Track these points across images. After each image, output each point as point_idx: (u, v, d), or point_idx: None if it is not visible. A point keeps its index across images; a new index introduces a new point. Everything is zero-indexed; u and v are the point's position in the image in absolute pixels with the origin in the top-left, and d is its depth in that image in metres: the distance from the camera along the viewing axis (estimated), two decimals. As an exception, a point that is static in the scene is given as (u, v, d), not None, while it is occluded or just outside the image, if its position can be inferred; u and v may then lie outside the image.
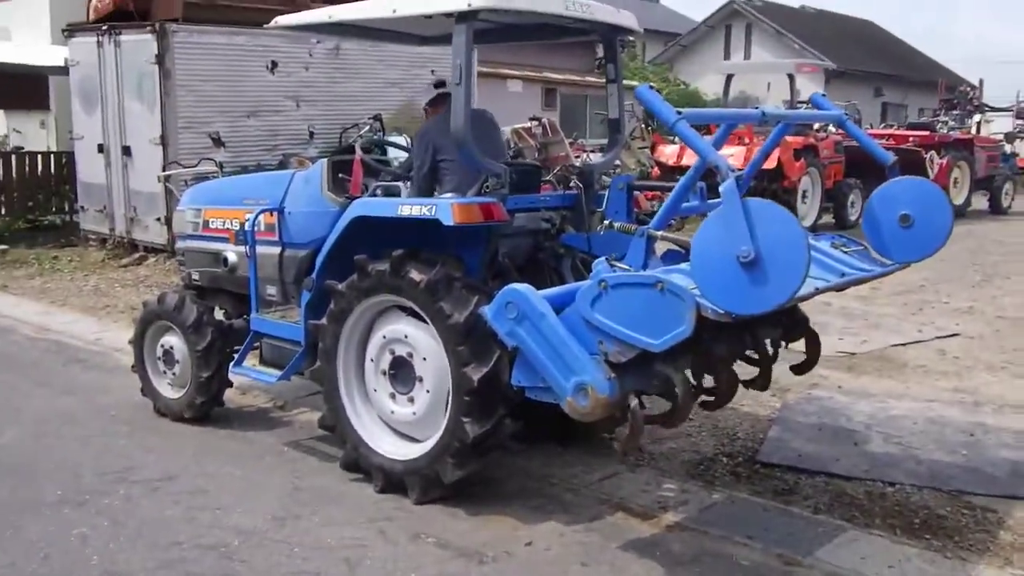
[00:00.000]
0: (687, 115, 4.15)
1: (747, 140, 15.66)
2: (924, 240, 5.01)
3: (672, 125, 4.04)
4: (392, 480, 5.17)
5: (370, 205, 5.36)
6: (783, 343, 5.38)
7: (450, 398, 4.93)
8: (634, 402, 4.21)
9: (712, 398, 5.24)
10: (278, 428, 6.42)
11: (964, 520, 4.91)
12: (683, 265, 4.46)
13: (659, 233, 4.45)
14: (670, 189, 5.16)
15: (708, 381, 5.12)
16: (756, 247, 3.67)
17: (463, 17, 5.02)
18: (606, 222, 4.97)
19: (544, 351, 4.17)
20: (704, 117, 4.68)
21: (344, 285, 5.28)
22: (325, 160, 5.92)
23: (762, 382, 5.37)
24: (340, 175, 5.86)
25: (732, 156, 14.97)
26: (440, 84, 6.07)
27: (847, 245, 5.21)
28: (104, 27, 13.19)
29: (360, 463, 5.35)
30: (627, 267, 4.38)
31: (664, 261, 4.93)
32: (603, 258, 4.41)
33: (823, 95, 5.48)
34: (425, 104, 6.36)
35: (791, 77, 16.87)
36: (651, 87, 4.12)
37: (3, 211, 15.12)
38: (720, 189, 3.80)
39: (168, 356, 6.46)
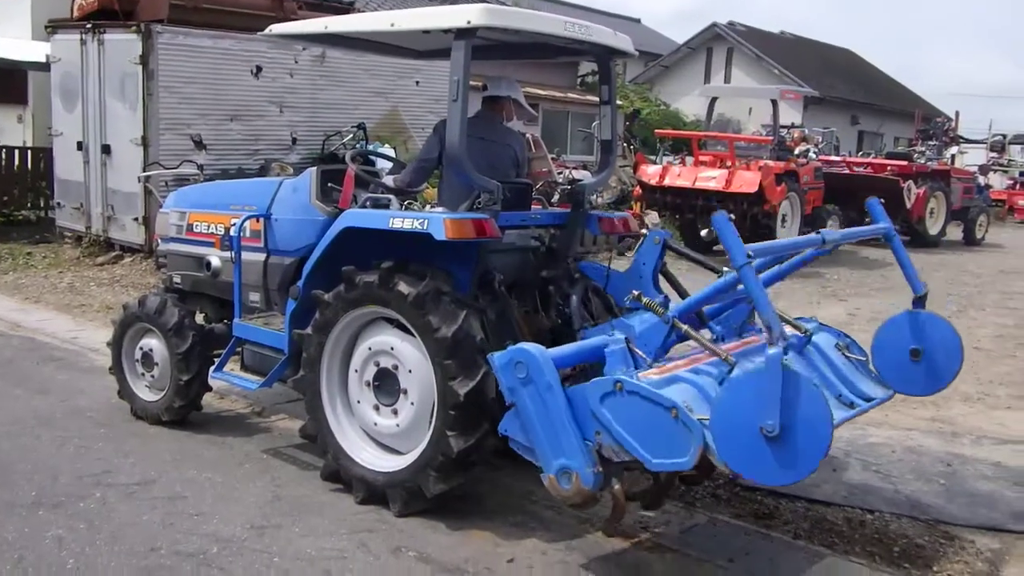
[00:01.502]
0: (757, 251, 4.08)
1: (729, 163, 15.78)
2: (929, 379, 5.05)
3: (739, 268, 3.93)
4: (374, 491, 5.13)
5: (361, 216, 5.33)
6: None
7: (435, 411, 4.91)
8: (616, 485, 4.20)
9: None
10: (257, 434, 6.37)
11: (943, 550, 4.95)
12: (707, 361, 4.37)
13: (684, 327, 4.39)
14: (700, 263, 5.17)
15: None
16: (782, 423, 3.64)
17: (462, 34, 5.00)
18: (635, 292, 4.81)
19: (540, 421, 4.15)
20: (772, 249, 4.58)
21: (331, 295, 5.26)
22: (315, 168, 5.89)
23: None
24: (329, 184, 5.83)
25: (714, 179, 15.13)
26: (484, 88, 6.04)
27: (850, 348, 5.20)
28: (88, 25, 13.12)
29: (341, 474, 5.31)
30: (644, 355, 4.36)
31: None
32: (623, 338, 4.37)
33: (880, 201, 5.30)
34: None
35: (775, 103, 17.02)
36: (730, 218, 3.99)
37: (-23, 204, 14.96)
38: (766, 354, 3.72)
39: (147, 359, 6.40)
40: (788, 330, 4.87)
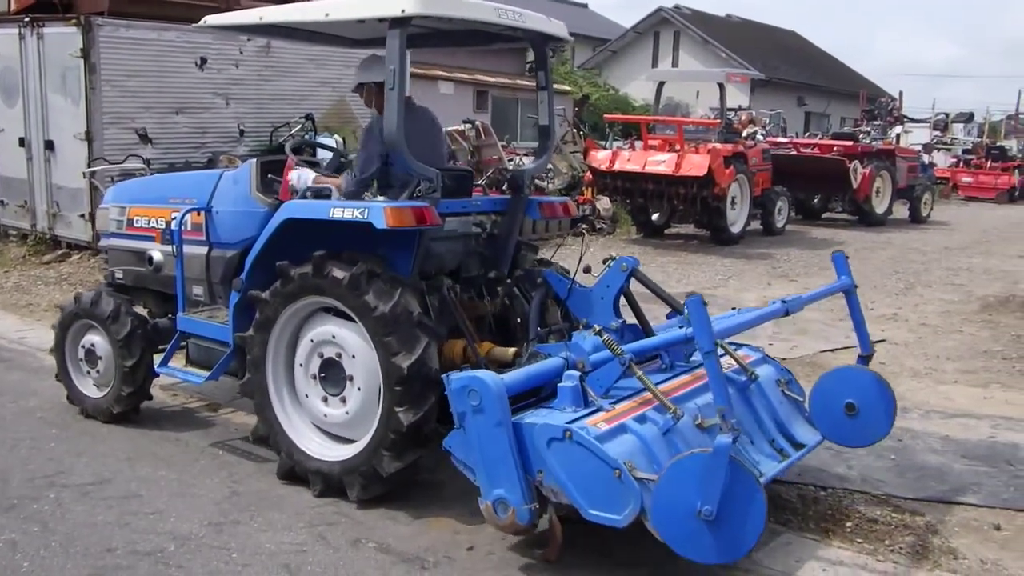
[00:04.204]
0: (724, 332, 4.24)
1: (678, 147, 15.88)
2: (857, 434, 5.22)
3: (705, 355, 3.99)
4: (331, 483, 5.13)
5: (301, 207, 5.31)
6: None
7: (382, 393, 4.93)
8: (553, 515, 4.26)
9: None
10: (212, 430, 6.32)
11: (894, 523, 5.04)
12: (654, 406, 4.43)
13: (639, 373, 4.42)
14: (663, 298, 5.38)
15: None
16: (718, 509, 3.76)
17: (396, 22, 5.00)
18: (596, 327, 4.75)
19: (484, 452, 4.20)
20: (733, 329, 4.70)
21: (268, 293, 5.28)
22: (254, 160, 5.86)
23: None
24: (269, 175, 5.79)
25: (664, 163, 15.22)
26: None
27: (790, 385, 5.38)
28: (26, 19, 12.82)
29: (297, 470, 5.30)
30: (594, 396, 4.42)
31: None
32: (577, 375, 4.42)
33: (844, 256, 5.37)
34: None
35: (721, 86, 17.14)
36: (704, 303, 3.99)
37: (-84, 204, 14.54)
38: (715, 441, 3.84)
39: (90, 355, 6.34)
40: (734, 365, 5.09)
